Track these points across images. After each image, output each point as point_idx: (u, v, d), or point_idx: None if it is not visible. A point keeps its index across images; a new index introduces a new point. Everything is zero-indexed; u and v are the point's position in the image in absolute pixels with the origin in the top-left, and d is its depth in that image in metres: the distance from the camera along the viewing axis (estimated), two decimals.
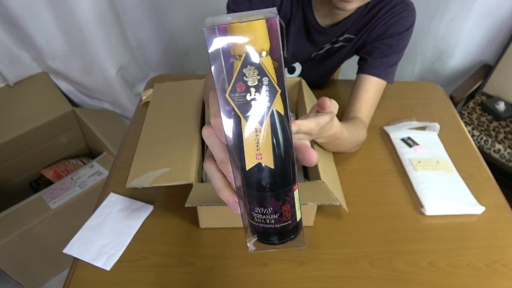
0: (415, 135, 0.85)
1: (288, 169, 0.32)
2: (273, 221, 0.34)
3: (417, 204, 0.72)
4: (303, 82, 0.81)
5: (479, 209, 0.71)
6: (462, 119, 1.27)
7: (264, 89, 0.29)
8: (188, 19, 1.55)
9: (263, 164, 0.31)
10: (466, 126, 1.39)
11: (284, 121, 0.31)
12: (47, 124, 1.49)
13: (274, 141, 0.31)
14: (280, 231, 0.34)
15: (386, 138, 0.87)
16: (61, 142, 1.60)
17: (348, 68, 1.11)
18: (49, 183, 1.49)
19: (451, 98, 1.48)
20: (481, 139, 1.44)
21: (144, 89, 0.98)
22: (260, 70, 0.29)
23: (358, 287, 0.60)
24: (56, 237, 1.25)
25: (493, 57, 1.64)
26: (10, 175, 1.53)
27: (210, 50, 0.29)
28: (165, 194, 0.73)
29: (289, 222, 0.34)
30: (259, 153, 0.31)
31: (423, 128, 0.89)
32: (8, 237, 1.14)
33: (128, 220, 0.68)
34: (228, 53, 0.29)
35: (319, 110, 0.55)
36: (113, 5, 1.42)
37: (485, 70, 1.64)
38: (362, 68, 0.84)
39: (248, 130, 0.30)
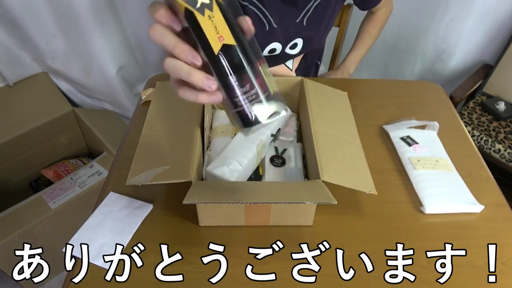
0: (415, 134, 0.85)
1: (248, 43, 0.36)
2: (254, 96, 0.38)
3: (417, 203, 0.72)
4: (305, 82, 0.81)
5: (478, 208, 0.71)
6: (462, 119, 1.27)
7: None
8: None
9: (228, 43, 0.35)
10: (466, 126, 1.39)
11: (226, 3, 0.35)
12: (47, 124, 1.49)
13: (228, 20, 0.35)
14: (264, 103, 0.39)
15: (386, 137, 0.87)
16: (61, 142, 1.60)
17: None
18: (49, 183, 1.50)
19: (451, 98, 1.48)
20: (481, 139, 1.44)
21: (144, 89, 0.98)
22: None
23: (358, 286, 0.60)
24: (56, 237, 1.25)
25: (493, 57, 1.64)
26: (10, 175, 1.53)
27: None
28: (164, 193, 0.73)
29: (267, 92, 0.39)
30: (220, 35, 0.34)
31: (422, 127, 0.89)
32: (8, 237, 1.14)
33: (127, 218, 0.68)
34: None
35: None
36: (112, 5, 1.43)
37: (485, 70, 1.64)
38: (362, 5, 1.01)
39: (203, 18, 0.33)
